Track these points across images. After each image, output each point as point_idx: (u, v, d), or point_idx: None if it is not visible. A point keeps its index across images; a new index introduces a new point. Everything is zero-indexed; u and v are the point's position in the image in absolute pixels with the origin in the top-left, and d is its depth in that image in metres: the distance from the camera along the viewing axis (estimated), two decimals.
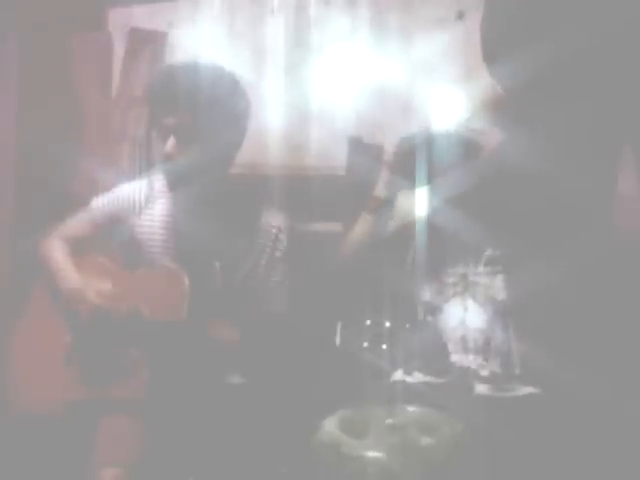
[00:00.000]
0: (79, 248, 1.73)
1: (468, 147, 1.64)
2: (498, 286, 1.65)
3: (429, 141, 1.69)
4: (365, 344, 1.25)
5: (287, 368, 1.51)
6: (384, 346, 1.24)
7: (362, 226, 1.73)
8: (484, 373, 1.57)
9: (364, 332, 1.27)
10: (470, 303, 1.64)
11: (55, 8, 2.34)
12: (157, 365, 1.55)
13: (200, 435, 1.48)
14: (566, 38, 1.48)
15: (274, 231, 1.74)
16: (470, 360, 1.59)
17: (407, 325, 1.27)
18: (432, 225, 1.66)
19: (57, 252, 1.70)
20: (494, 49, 1.68)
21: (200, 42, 2.35)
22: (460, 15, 2.12)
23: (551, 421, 1.41)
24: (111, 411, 1.54)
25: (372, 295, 1.68)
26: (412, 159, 1.68)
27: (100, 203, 1.75)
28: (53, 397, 1.59)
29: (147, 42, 2.39)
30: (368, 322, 1.27)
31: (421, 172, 1.68)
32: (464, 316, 1.63)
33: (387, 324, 1.26)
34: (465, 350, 1.61)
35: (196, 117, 1.59)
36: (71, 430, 1.54)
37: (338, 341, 1.32)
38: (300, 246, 1.83)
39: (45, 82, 2.37)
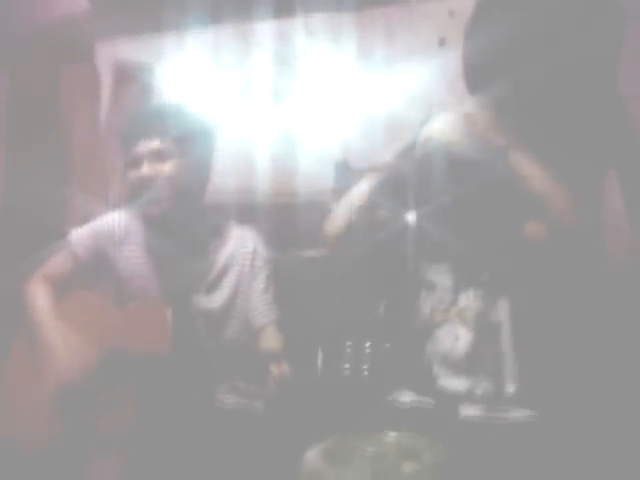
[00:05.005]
0: (62, 287, 1.71)
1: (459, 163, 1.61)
2: (490, 309, 1.62)
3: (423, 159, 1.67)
4: (346, 366, 1.24)
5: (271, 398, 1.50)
6: (365, 367, 1.23)
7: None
8: (477, 391, 1.54)
9: (345, 355, 1.26)
10: (461, 329, 1.62)
11: (43, 40, 2.36)
12: (144, 399, 1.54)
13: (187, 466, 1.45)
14: (547, 66, 1.50)
15: (251, 244, 1.75)
16: (461, 383, 1.57)
17: (387, 345, 1.25)
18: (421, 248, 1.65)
19: (39, 300, 1.67)
20: (476, 76, 1.70)
21: (187, 75, 2.37)
22: (442, 42, 2.15)
23: (546, 447, 1.38)
24: (98, 447, 1.52)
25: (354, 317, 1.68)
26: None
27: (80, 237, 1.74)
28: (38, 435, 1.57)
29: (134, 75, 2.41)
30: (349, 344, 1.26)
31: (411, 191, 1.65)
32: (454, 342, 1.61)
33: (368, 346, 1.25)
34: (456, 375, 1.58)
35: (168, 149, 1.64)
36: (56, 467, 1.52)
37: (320, 364, 1.30)
38: (287, 272, 1.83)
39: (33, 114, 2.38)
